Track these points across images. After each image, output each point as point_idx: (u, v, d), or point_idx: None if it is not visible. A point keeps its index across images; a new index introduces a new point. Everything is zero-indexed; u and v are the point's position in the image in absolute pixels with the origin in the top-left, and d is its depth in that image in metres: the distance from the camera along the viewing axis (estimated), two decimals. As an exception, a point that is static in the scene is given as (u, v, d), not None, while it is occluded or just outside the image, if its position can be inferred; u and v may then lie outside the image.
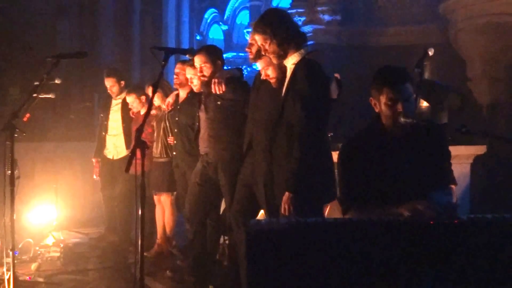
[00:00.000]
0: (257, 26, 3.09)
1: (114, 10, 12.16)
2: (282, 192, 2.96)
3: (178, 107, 4.65)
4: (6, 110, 8.70)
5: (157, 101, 4.97)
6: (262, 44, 3.08)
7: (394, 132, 2.45)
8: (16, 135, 3.43)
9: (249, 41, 3.61)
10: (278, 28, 3.04)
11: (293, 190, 2.92)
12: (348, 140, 2.58)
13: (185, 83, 4.51)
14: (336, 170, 3.00)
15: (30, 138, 4.35)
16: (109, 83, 5.59)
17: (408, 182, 2.41)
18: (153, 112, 5.09)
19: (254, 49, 3.47)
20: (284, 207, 2.93)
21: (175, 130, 4.66)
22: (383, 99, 2.40)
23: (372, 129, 2.50)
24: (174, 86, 4.73)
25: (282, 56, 3.07)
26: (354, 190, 2.45)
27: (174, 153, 4.66)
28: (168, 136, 4.85)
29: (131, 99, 5.24)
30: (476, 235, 1.95)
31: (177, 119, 4.62)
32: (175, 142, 4.67)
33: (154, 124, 5.01)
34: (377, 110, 2.47)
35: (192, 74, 4.15)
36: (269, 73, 3.26)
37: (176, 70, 4.59)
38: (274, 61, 3.12)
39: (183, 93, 4.67)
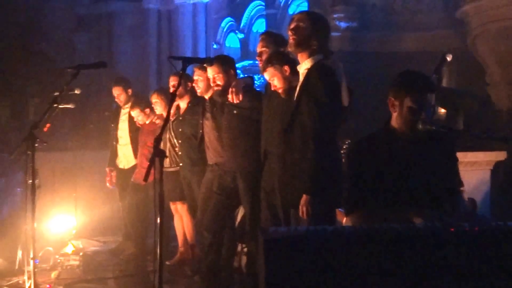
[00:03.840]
0: (305, 11, 3.17)
1: (130, 21, 12.30)
2: (298, 195, 2.96)
3: (181, 118, 4.68)
4: (27, 120, 8.83)
5: (159, 109, 4.99)
6: (296, 25, 3.07)
7: (405, 137, 2.44)
8: (37, 145, 3.48)
9: (259, 50, 3.63)
10: (318, 22, 3.09)
11: (311, 192, 2.92)
12: (356, 143, 2.57)
13: (205, 89, 4.28)
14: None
15: (49, 148, 4.40)
16: (116, 92, 5.67)
17: (417, 187, 2.39)
18: (158, 121, 5.13)
19: (263, 58, 3.50)
20: (302, 210, 2.93)
21: (179, 141, 4.68)
22: (408, 102, 2.40)
23: (382, 133, 2.50)
24: (198, 95, 4.46)
25: (302, 47, 3.05)
26: (360, 192, 2.44)
27: (181, 164, 4.67)
28: (175, 146, 4.85)
29: (135, 113, 5.30)
30: (499, 242, 1.93)
31: (180, 130, 4.66)
32: (180, 153, 4.68)
33: None
34: (394, 111, 2.46)
35: (198, 76, 4.18)
36: (276, 84, 3.29)
37: (195, 77, 4.44)
38: (291, 48, 3.10)
39: (183, 104, 4.71)
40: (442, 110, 5.55)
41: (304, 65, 3.07)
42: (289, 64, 3.28)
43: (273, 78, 3.30)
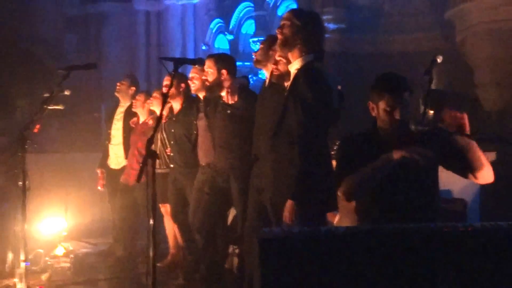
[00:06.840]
0: (294, 9, 3.07)
1: (119, 22, 12.26)
2: (284, 199, 2.92)
3: (174, 118, 4.61)
4: (14, 122, 8.76)
5: (155, 104, 4.93)
6: (283, 23, 3.00)
7: (388, 138, 2.47)
8: (26, 146, 3.46)
9: (260, 45, 3.57)
10: (304, 19, 3.01)
11: (295, 197, 2.88)
12: (348, 136, 2.61)
13: (200, 87, 4.25)
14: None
15: (38, 149, 4.38)
16: (122, 82, 5.62)
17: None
18: (150, 122, 5.10)
19: (259, 53, 3.48)
20: (285, 214, 2.90)
21: (171, 142, 4.63)
22: (382, 104, 2.45)
23: (368, 134, 2.54)
24: (193, 92, 4.48)
25: (288, 46, 2.98)
26: (349, 169, 2.49)
27: (172, 165, 4.62)
28: (166, 147, 4.81)
29: (138, 98, 5.23)
30: (491, 242, 1.95)
31: (173, 130, 4.58)
32: (171, 154, 4.63)
33: None
34: (373, 114, 2.50)
35: (194, 73, 4.17)
36: (280, 67, 3.18)
37: (191, 75, 4.36)
38: (278, 49, 3.05)
39: (176, 105, 4.63)
40: (431, 112, 5.58)
41: (294, 65, 3.00)
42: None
43: (280, 59, 3.16)
